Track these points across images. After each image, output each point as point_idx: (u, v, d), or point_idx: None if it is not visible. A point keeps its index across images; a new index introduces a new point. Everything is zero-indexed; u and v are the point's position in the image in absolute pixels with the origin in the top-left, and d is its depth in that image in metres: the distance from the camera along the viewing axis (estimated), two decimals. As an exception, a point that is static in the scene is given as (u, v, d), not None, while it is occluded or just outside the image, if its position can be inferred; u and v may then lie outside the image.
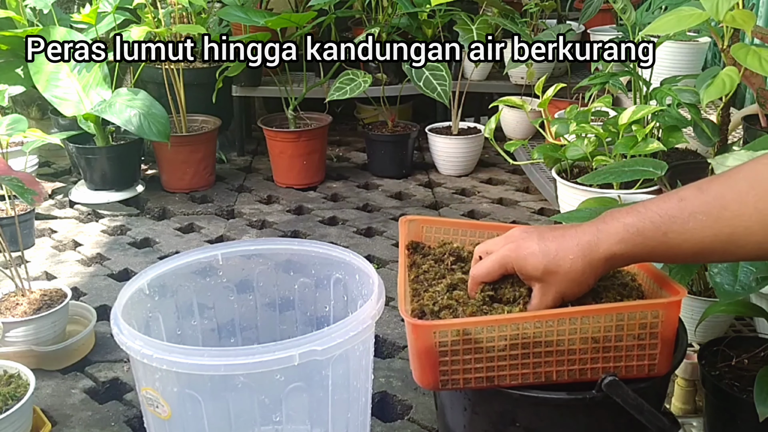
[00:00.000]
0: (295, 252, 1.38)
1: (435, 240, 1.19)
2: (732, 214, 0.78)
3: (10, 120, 2.06)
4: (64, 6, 3.29)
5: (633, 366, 0.93)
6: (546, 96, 2.10)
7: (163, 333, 1.30)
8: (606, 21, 3.25)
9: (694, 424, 1.38)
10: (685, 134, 1.87)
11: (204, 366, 1.01)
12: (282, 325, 1.44)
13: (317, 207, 2.77)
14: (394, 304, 2.02)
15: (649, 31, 1.55)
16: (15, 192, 1.67)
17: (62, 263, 2.33)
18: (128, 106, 2.52)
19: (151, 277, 1.26)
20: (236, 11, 2.84)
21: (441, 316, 0.96)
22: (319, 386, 1.10)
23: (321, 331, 1.03)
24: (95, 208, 2.72)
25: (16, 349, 1.72)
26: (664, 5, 2.17)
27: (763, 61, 1.38)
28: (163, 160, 2.86)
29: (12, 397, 1.43)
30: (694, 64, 2.49)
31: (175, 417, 1.09)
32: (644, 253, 0.85)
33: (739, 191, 0.79)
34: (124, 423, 1.58)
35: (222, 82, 2.88)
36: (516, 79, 3.17)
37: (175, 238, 2.52)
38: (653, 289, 1.01)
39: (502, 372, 0.92)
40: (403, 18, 2.93)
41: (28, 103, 3.28)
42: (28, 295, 1.80)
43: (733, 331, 1.54)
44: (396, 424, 1.58)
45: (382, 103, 3.00)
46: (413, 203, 2.79)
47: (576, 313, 0.91)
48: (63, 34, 2.66)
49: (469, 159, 3.05)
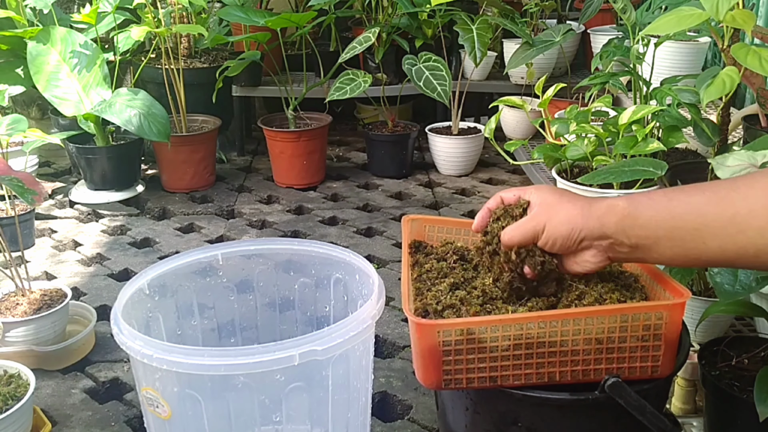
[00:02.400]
0: (295, 252, 1.38)
1: (437, 239, 1.19)
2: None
3: (10, 120, 2.06)
4: (64, 6, 3.29)
5: (636, 367, 0.93)
6: (546, 96, 2.09)
7: (163, 333, 1.30)
8: (606, 21, 3.25)
9: (694, 424, 1.38)
10: (685, 134, 1.87)
11: (204, 366, 1.00)
12: (282, 325, 1.43)
13: (317, 207, 2.77)
14: (395, 304, 2.02)
15: (649, 31, 1.55)
16: (15, 192, 1.67)
17: (62, 263, 2.33)
18: (128, 106, 2.52)
19: (151, 277, 1.26)
20: (236, 11, 2.84)
21: (444, 315, 0.96)
22: (320, 386, 1.10)
23: (321, 331, 1.03)
24: (95, 208, 2.72)
25: (16, 349, 1.72)
26: (664, 5, 2.17)
27: (764, 61, 1.38)
28: (163, 160, 2.86)
29: (12, 397, 1.43)
30: (694, 64, 2.49)
31: (175, 417, 1.08)
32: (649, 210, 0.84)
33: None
34: (124, 423, 1.58)
35: (222, 82, 2.88)
36: (516, 79, 3.17)
37: (175, 238, 2.52)
38: (656, 290, 1.00)
39: (505, 372, 0.92)
40: (403, 18, 2.92)
41: (28, 103, 3.28)
42: (28, 295, 1.80)
43: (733, 331, 1.54)
44: (396, 424, 1.58)
45: (382, 103, 3.00)
46: (413, 203, 2.79)
47: (580, 314, 0.91)
48: (63, 34, 2.66)
49: (469, 159, 3.05)
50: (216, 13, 3.14)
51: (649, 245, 0.85)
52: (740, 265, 0.83)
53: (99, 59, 2.68)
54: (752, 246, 0.79)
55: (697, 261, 0.84)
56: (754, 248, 0.79)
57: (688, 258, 0.84)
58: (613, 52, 2.08)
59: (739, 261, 0.81)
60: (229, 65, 2.87)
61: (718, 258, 0.82)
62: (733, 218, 0.79)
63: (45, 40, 2.63)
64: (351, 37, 3.34)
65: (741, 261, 0.81)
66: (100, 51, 2.70)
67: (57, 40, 2.65)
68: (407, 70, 2.70)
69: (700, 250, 0.82)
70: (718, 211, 0.80)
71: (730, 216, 0.79)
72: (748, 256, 0.80)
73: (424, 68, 2.70)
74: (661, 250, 0.85)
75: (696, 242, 0.82)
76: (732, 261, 0.82)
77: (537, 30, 3.11)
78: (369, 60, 3.10)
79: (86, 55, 2.67)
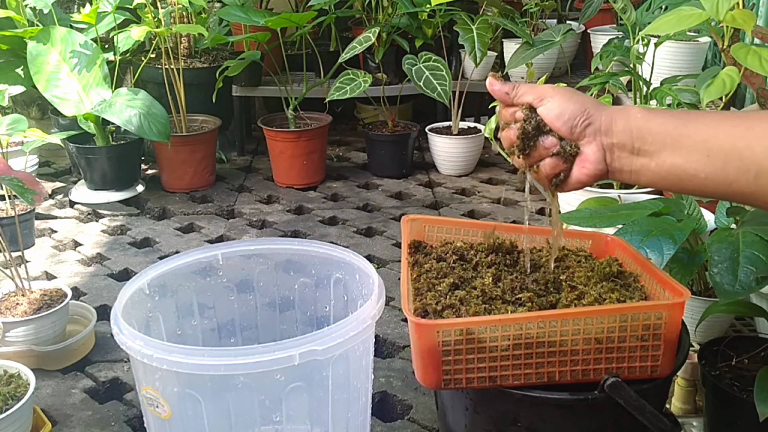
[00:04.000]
0: (295, 252, 1.38)
1: (437, 239, 1.19)
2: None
3: (10, 120, 2.06)
4: (64, 6, 3.28)
5: (636, 367, 0.93)
6: (546, 96, 2.09)
7: (163, 333, 1.30)
8: (606, 21, 3.25)
9: (694, 424, 1.38)
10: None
11: (204, 366, 1.00)
12: (282, 325, 1.44)
13: (317, 207, 2.77)
14: (394, 304, 2.02)
15: (649, 30, 1.55)
16: (15, 192, 1.67)
17: (62, 263, 2.33)
18: (128, 106, 2.52)
19: (151, 276, 1.26)
20: (236, 11, 2.84)
21: (444, 315, 0.96)
22: (320, 386, 1.10)
23: (321, 331, 1.03)
24: (95, 208, 2.72)
25: (16, 349, 1.72)
26: (664, 5, 2.18)
27: (764, 60, 1.38)
28: (163, 159, 2.86)
29: (12, 396, 1.43)
30: (694, 63, 2.49)
31: (175, 417, 1.09)
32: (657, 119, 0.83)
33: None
34: (124, 423, 1.58)
35: (222, 81, 2.88)
36: (516, 79, 3.17)
37: (175, 237, 2.52)
38: (656, 290, 1.00)
39: (504, 372, 0.92)
40: (403, 18, 2.92)
41: (28, 103, 3.28)
42: (28, 295, 1.80)
43: (733, 331, 1.54)
44: (396, 424, 1.58)
45: (382, 103, 3.00)
46: (413, 203, 2.79)
47: (579, 313, 0.91)
48: (63, 34, 2.66)
49: (469, 159, 3.05)
50: (216, 13, 3.14)
51: (652, 152, 0.83)
52: (734, 189, 0.80)
53: (99, 59, 2.68)
54: (755, 165, 0.77)
55: (693, 179, 0.82)
56: (757, 168, 0.77)
57: (685, 171, 0.82)
58: (613, 52, 2.09)
59: (736, 184, 0.79)
60: (229, 65, 2.87)
61: (716, 176, 0.80)
62: (745, 134, 0.78)
63: (45, 40, 2.63)
64: (351, 37, 3.35)
65: (737, 184, 0.79)
66: (100, 51, 2.70)
67: (57, 40, 2.65)
68: (407, 70, 2.70)
69: (702, 165, 0.80)
70: (732, 125, 0.79)
71: (743, 131, 0.78)
72: (748, 176, 0.78)
73: (424, 68, 2.70)
74: (661, 159, 0.82)
75: (700, 154, 0.80)
76: (729, 182, 0.80)
77: (537, 30, 3.11)
78: (369, 60, 3.10)
79: (86, 55, 2.67)
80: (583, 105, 0.87)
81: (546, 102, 0.88)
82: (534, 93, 0.90)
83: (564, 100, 0.88)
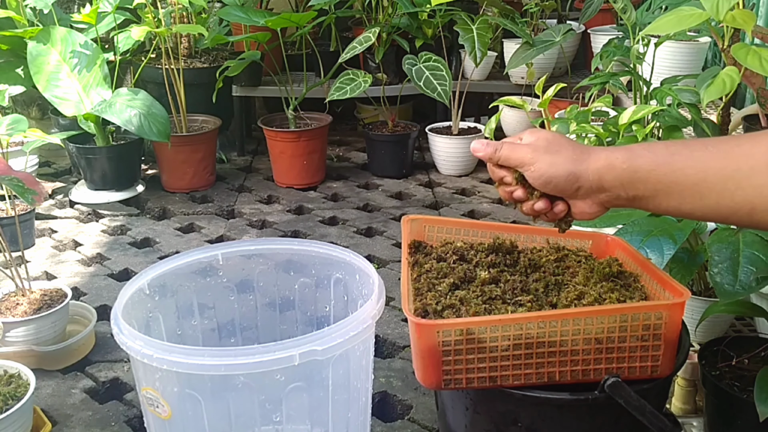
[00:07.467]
0: (296, 252, 1.38)
1: (437, 239, 1.19)
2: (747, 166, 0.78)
3: (10, 120, 2.06)
4: (64, 6, 3.28)
5: (636, 367, 0.93)
6: (546, 96, 2.09)
7: (163, 333, 1.30)
8: (606, 21, 3.25)
9: (694, 424, 1.38)
10: (686, 134, 1.87)
11: (204, 366, 1.00)
12: (282, 325, 1.43)
13: (317, 207, 2.77)
14: (395, 304, 2.02)
15: (649, 30, 1.55)
16: (15, 192, 1.67)
17: (62, 263, 2.33)
18: (128, 106, 2.52)
19: (151, 277, 1.26)
20: (236, 11, 2.84)
21: (444, 315, 0.96)
22: (320, 386, 1.10)
23: (321, 331, 1.03)
24: (95, 208, 2.72)
25: (16, 349, 1.72)
26: (665, 5, 2.17)
27: (764, 60, 1.38)
28: (164, 160, 2.86)
29: (12, 396, 1.43)
30: (694, 64, 2.49)
31: (175, 417, 1.09)
32: (647, 164, 0.84)
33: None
34: (124, 423, 1.58)
35: (222, 81, 2.88)
36: (516, 79, 3.17)
37: (175, 238, 2.52)
38: (656, 290, 1.00)
39: (504, 372, 0.92)
40: (403, 18, 2.92)
41: (28, 103, 3.28)
42: (28, 295, 1.80)
43: (733, 331, 1.54)
44: (396, 424, 1.58)
45: (382, 103, 3.00)
46: (413, 203, 2.79)
47: (580, 313, 0.91)
48: (63, 34, 2.66)
49: (469, 159, 3.05)
50: (216, 13, 3.14)
51: (647, 197, 0.85)
52: (731, 221, 0.83)
53: (99, 59, 2.68)
54: (748, 204, 0.78)
55: (690, 215, 0.84)
56: (750, 206, 0.78)
57: (681, 212, 0.84)
58: (613, 52, 2.09)
59: (732, 218, 0.81)
60: (229, 65, 2.87)
61: (712, 213, 0.82)
62: (734, 174, 0.79)
63: (45, 40, 2.63)
64: (351, 37, 3.35)
65: (733, 218, 0.81)
66: (100, 51, 2.70)
67: (57, 40, 2.65)
68: (407, 70, 2.70)
69: (696, 206, 0.82)
70: (720, 167, 0.80)
71: (731, 172, 0.79)
72: (741, 213, 0.79)
73: (424, 68, 2.70)
74: (657, 202, 0.85)
75: (693, 197, 0.81)
76: (725, 217, 0.81)
77: (537, 30, 3.11)
78: (369, 60, 3.10)
79: (86, 55, 2.67)
80: (566, 168, 0.88)
81: (528, 169, 0.90)
82: (514, 159, 0.91)
83: (546, 166, 0.89)
